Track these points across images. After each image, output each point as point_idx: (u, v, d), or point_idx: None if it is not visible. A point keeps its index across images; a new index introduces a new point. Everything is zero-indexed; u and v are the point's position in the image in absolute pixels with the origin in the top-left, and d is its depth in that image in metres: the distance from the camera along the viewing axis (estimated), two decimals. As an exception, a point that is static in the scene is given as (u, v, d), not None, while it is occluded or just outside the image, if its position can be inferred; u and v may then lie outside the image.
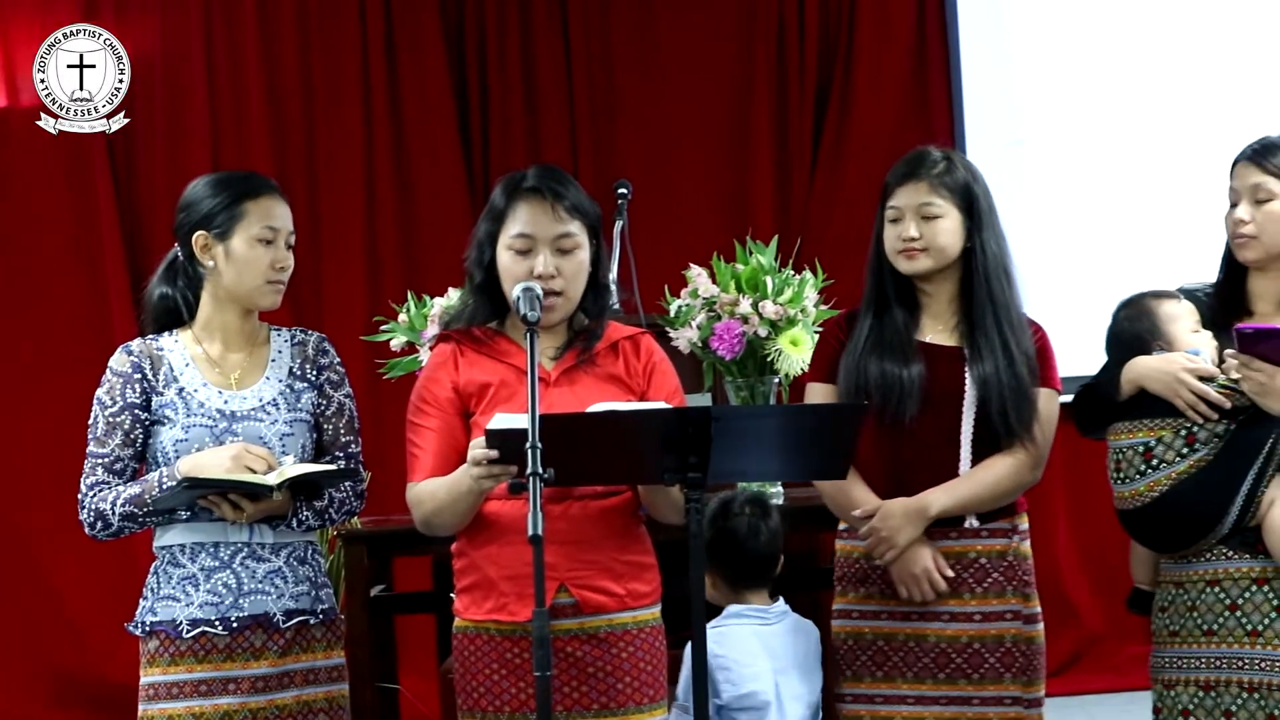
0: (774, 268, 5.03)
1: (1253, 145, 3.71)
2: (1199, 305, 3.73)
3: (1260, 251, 3.66)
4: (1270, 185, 3.64)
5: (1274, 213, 3.63)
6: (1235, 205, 3.69)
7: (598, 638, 3.52)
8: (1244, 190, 3.66)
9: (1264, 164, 3.66)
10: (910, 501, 3.69)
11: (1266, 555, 3.55)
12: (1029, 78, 7.28)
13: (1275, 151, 3.67)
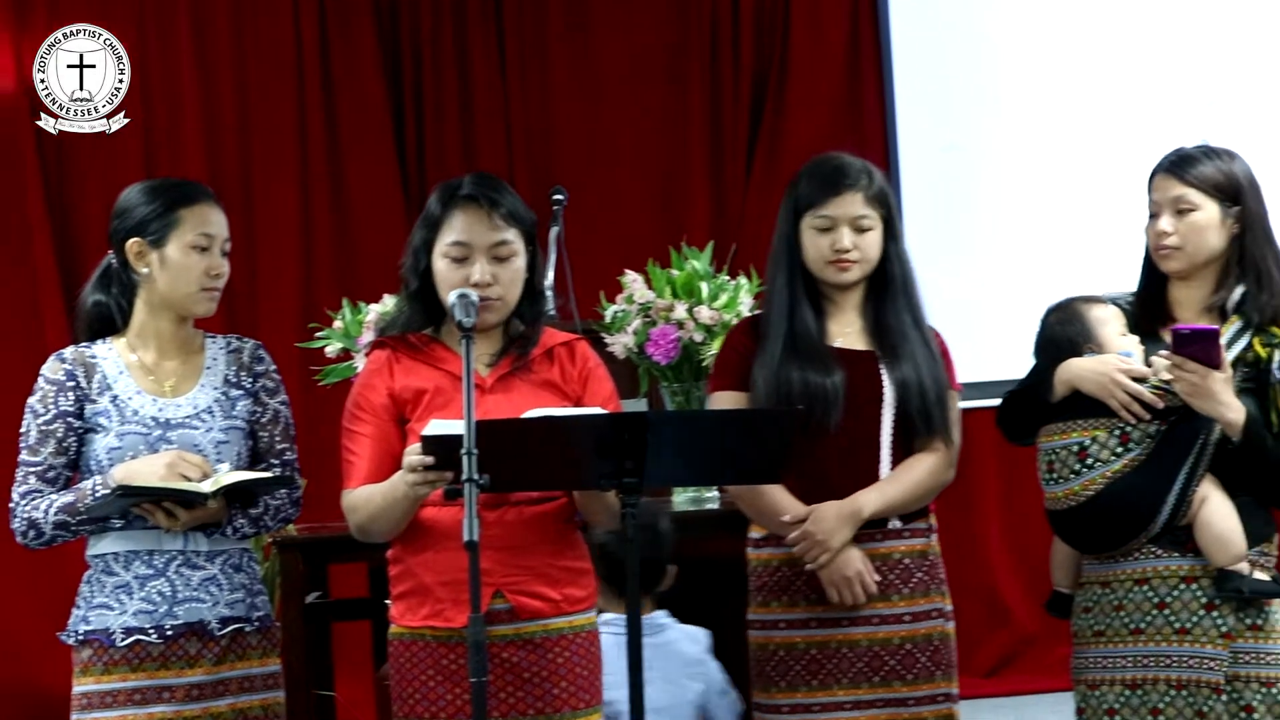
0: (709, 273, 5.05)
1: (1170, 157, 3.75)
2: (1123, 312, 3.78)
3: (1183, 262, 3.70)
4: (1191, 197, 3.68)
5: (1196, 224, 3.68)
6: (1156, 217, 3.73)
7: (533, 643, 3.52)
8: (1165, 202, 3.70)
9: (1184, 176, 3.69)
10: (842, 504, 3.71)
11: (1196, 554, 3.59)
12: (962, 83, 7.33)
13: (1194, 163, 3.71)
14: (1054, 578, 3.86)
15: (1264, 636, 3.60)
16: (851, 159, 3.86)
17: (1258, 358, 3.64)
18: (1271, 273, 3.69)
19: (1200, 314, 3.72)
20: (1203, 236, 3.68)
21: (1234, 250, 3.70)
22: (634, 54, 7.39)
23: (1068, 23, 7.31)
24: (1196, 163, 3.71)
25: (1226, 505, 3.58)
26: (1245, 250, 3.69)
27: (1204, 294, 3.73)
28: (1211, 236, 3.68)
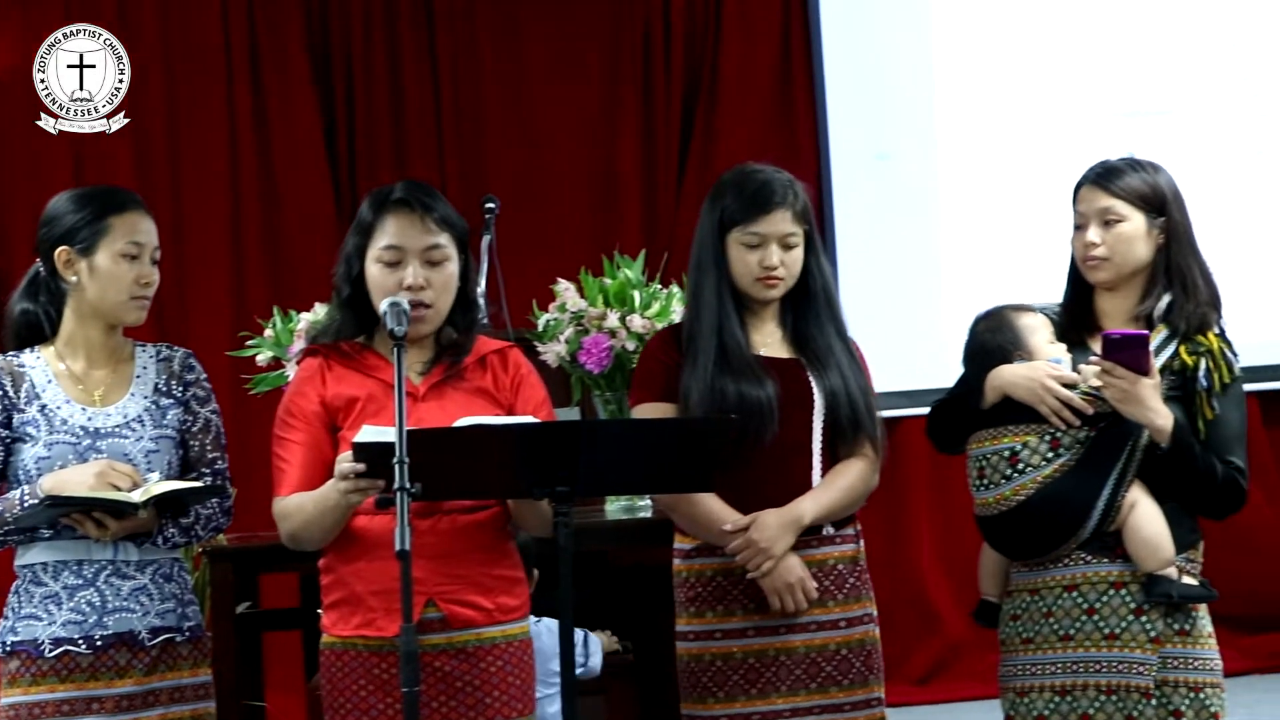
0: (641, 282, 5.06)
1: (1095, 169, 3.78)
2: (1051, 322, 3.81)
3: (1111, 273, 3.73)
4: (1119, 208, 3.71)
5: (1123, 235, 3.71)
6: (1082, 228, 3.76)
7: (466, 652, 3.52)
8: (1092, 214, 3.73)
9: (1110, 188, 3.73)
10: (783, 512, 3.72)
11: (1125, 559, 3.62)
12: (893, 92, 7.37)
13: (1119, 175, 3.74)
14: (981, 586, 3.87)
15: (1191, 641, 3.64)
16: (775, 174, 3.86)
17: (1184, 366, 3.68)
18: (1197, 282, 3.73)
19: (1126, 323, 3.75)
20: (1130, 247, 3.71)
21: (1159, 260, 3.74)
22: (566, 63, 7.40)
23: (998, 33, 7.36)
24: (1122, 175, 3.75)
25: (1155, 511, 3.61)
26: (1171, 260, 3.73)
27: (1130, 304, 3.77)
28: (1138, 247, 3.72)
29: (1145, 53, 7.33)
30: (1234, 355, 3.73)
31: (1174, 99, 7.35)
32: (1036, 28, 7.35)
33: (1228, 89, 7.35)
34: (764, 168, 3.89)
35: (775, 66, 7.41)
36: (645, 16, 7.37)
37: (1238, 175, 7.36)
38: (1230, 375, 3.70)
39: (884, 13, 7.40)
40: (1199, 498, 3.67)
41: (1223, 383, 3.69)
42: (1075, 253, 3.79)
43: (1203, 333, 3.70)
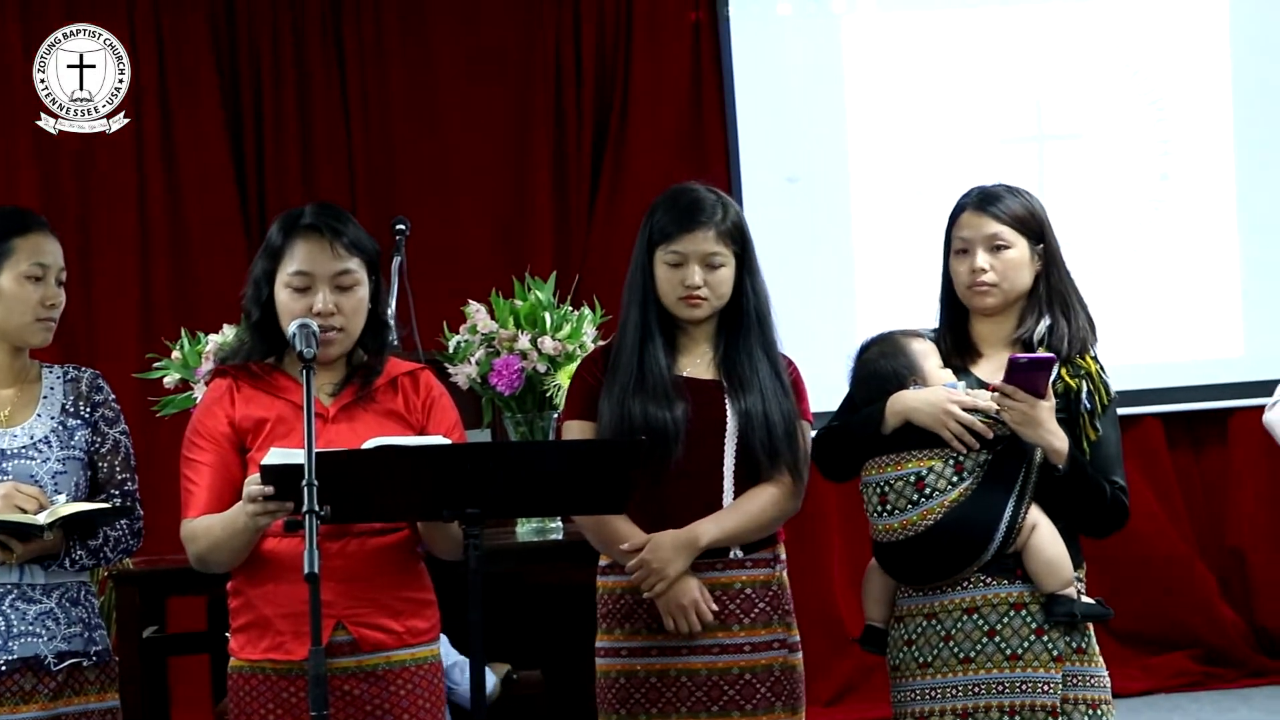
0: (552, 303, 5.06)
1: (975, 195, 3.80)
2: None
3: (999, 298, 3.75)
4: (1006, 234, 3.73)
5: (1011, 261, 3.73)
6: (965, 253, 3.77)
7: (375, 675, 3.50)
8: (978, 239, 3.74)
9: (995, 213, 3.75)
10: (680, 533, 3.72)
11: (1024, 580, 3.64)
12: (803, 115, 7.41)
13: (1001, 200, 3.77)
14: (867, 612, 3.86)
15: (1088, 659, 3.67)
16: (707, 192, 3.85)
17: (1067, 388, 3.71)
18: (1074, 306, 3.77)
19: (1005, 348, 3.77)
20: (1018, 273, 3.74)
21: (1039, 285, 3.77)
22: (476, 85, 7.39)
23: (909, 56, 7.42)
24: (1004, 200, 3.77)
25: (1053, 531, 3.64)
26: (1050, 285, 3.77)
27: (1008, 328, 3.80)
28: (1024, 273, 3.75)
29: (1054, 77, 7.41)
30: (1108, 377, 3.77)
31: (1083, 123, 7.43)
32: (947, 52, 7.41)
33: (1133, 115, 7.44)
34: (698, 186, 3.88)
35: (686, 89, 7.43)
36: (556, 38, 7.38)
37: (1145, 199, 7.45)
38: (1108, 397, 3.75)
39: (794, 36, 7.44)
40: (1089, 517, 3.71)
41: (1103, 404, 3.73)
42: (959, 279, 3.79)
43: (1082, 356, 3.75)
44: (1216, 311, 7.48)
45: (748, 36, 7.40)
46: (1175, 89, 7.45)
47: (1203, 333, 7.49)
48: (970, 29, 7.43)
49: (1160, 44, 7.44)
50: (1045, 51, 7.43)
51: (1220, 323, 7.48)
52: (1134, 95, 7.44)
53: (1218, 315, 7.48)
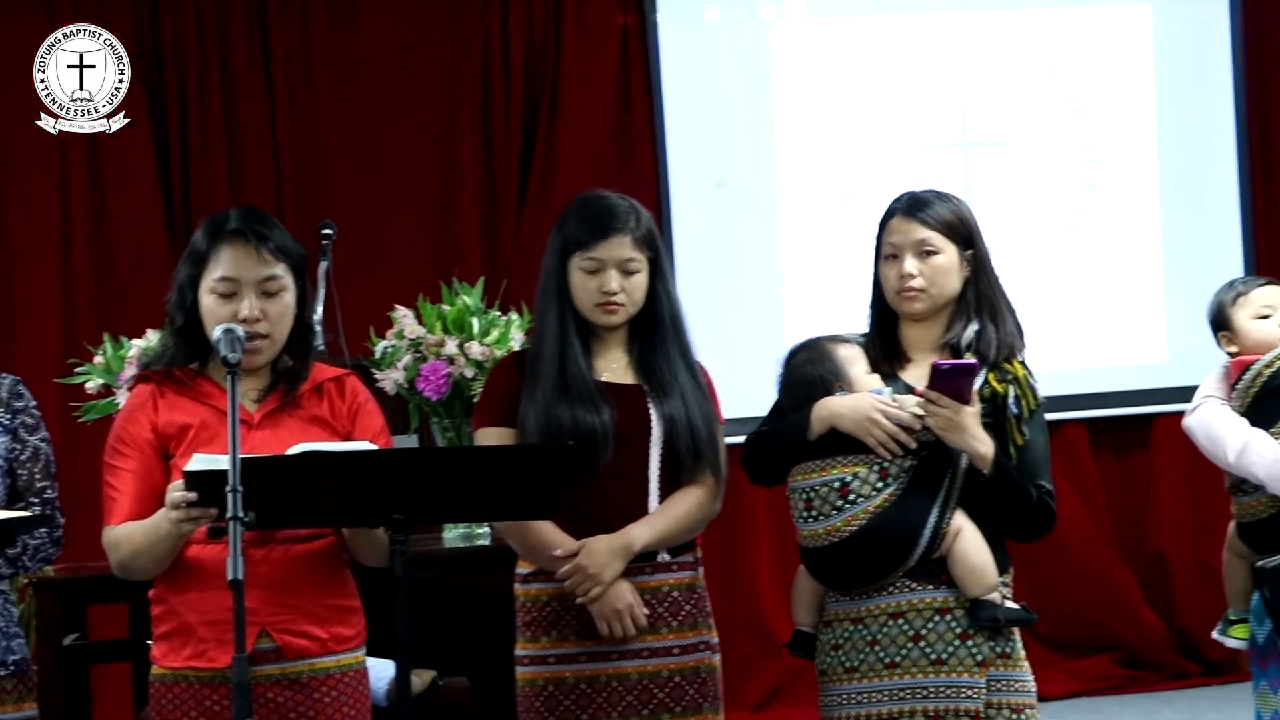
0: (480, 309, 5.06)
1: (904, 201, 3.81)
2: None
3: (928, 304, 3.77)
4: (934, 240, 3.75)
5: (940, 266, 3.75)
6: (894, 259, 3.78)
7: (300, 683, 3.48)
8: (907, 245, 3.76)
9: (924, 219, 3.76)
10: (614, 538, 3.72)
11: (949, 585, 3.65)
12: (731, 120, 7.43)
13: (930, 206, 3.78)
14: (796, 617, 3.88)
15: (1013, 664, 3.69)
16: (619, 199, 3.87)
17: (995, 393, 3.72)
18: (1003, 311, 3.79)
19: (934, 353, 3.79)
20: (946, 278, 3.76)
21: (968, 290, 3.79)
22: (404, 89, 7.36)
23: (837, 61, 7.45)
24: (933, 205, 3.79)
25: (979, 537, 3.65)
26: (979, 290, 3.78)
27: (936, 334, 3.81)
28: (953, 278, 3.76)
29: (980, 85, 7.46)
30: (1035, 382, 3.79)
31: (1008, 131, 7.48)
32: (874, 59, 7.45)
33: (1058, 123, 7.50)
34: (608, 194, 3.90)
35: (614, 94, 7.44)
36: (484, 43, 7.36)
37: (1069, 206, 7.51)
38: (1035, 402, 3.76)
39: (723, 42, 7.46)
40: (1015, 521, 3.72)
41: (1030, 409, 3.75)
42: (888, 284, 3.80)
43: (1010, 361, 3.76)
44: (1140, 318, 7.55)
45: (676, 42, 7.41)
46: (1099, 98, 7.52)
47: (1126, 339, 7.56)
48: (897, 37, 7.47)
49: (1084, 53, 7.51)
50: (971, 60, 7.47)
51: (1144, 329, 7.56)
52: (1058, 103, 7.50)
53: (1141, 321, 7.56)
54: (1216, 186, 7.53)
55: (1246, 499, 3.92)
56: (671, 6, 7.42)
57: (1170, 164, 7.55)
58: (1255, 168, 7.55)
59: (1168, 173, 7.54)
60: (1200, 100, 7.54)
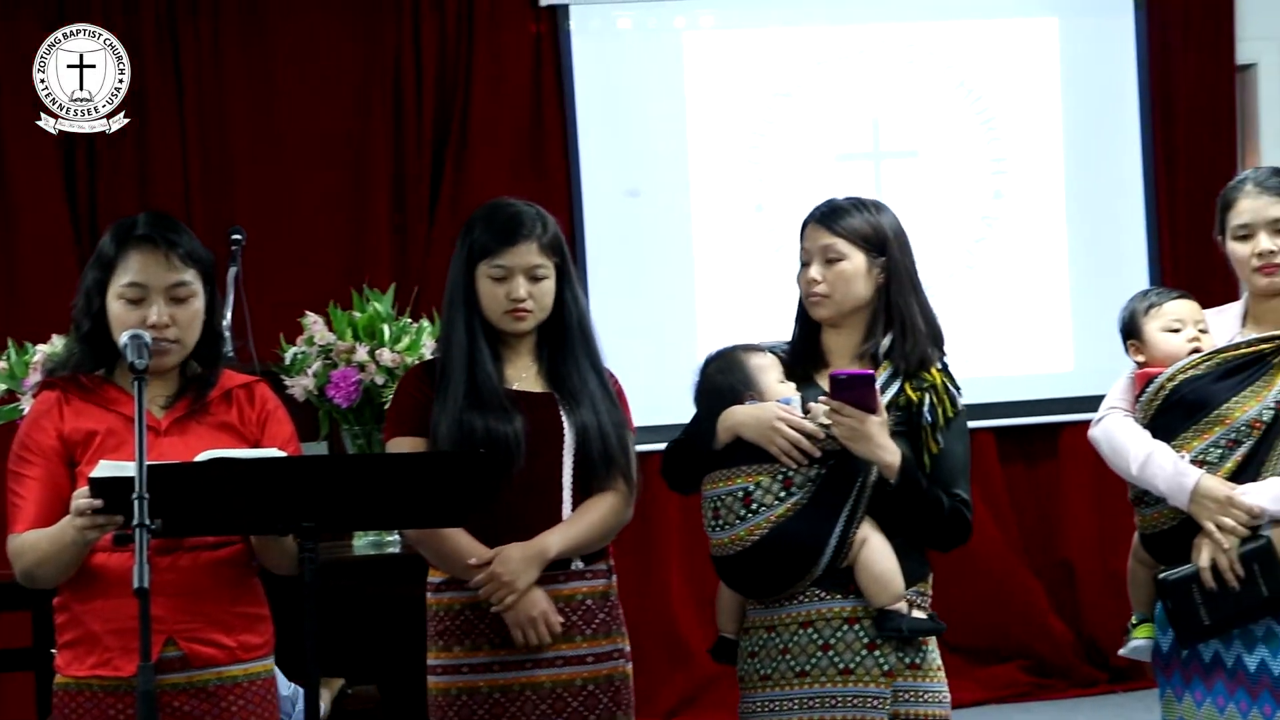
0: (391, 315, 5.04)
1: (821, 208, 3.85)
2: (780, 360, 3.87)
3: (831, 310, 3.80)
4: (840, 246, 3.78)
5: (843, 273, 3.78)
6: (807, 265, 3.83)
7: (207, 691, 3.46)
8: (815, 251, 3.80)
9: (833, 227, 3.80)
10: (528, 545, 3.72)
11: (858, 595, 3.67)
12: (644, 130, 7.44)
13: (843, 214, 3.81)
14: (719, 623, 3.89)
15: (922, 675, 3.70)
16: (525, 206, 3.88)
17: (909, 401, 3.75)
18: (916, 320, 3.81)
19: (852, 361, 3.81)
20: (849, 285, 3.78)
21: (880, 299, 3.82)
22: (316, 94, 7.32)
23: (746, 72, 7.47)
24: (846, 214, 3.82)
25: (885, 546, 3.67)
26: (891, 299, 3.81)
27: (855, 341, 3.84)
28: (858, 285, 3.79)
29: (891, 96, 7.51)
30: (957, 390, 3.82)
31: (919, 141, 7.54)
32: (786, 69, 7.48)
33: (967, 134, 7.56)
34: (515, 201, 3.91)
35: (527, 102, 7.43)
36: (396, 49, 7.33)
37: (978, 216, 7.57)
38: (954, 410, 3.79)
39: (635, 50, 7.47)
40: (927, 531, 3.74)
41: (946, 417, 3.77)
42: (800, 289, 3.85)
43: (925, 369, 3.78)
44: (1047, 327, 7.63)
45: (589, 50, 7.42)
46: (1008, 109, 7.58)
47: (1034, 348, 7.63)
48: (809, 47, 7.50)
49: (993, 65, 7.57)
50: (882, 70, 7.52)
51: (1051, 338, 7.63)
52: (968, 114, 7.57)
53: (1048, 331, 7.63)
54: (1122, 197, 7.62)
55: (1149, 511, 3.96)
56: (584, 15, 7.42)
57: (1077, 175, 7.63)
58: (1160, 179, 7.64)
59: (1074, 184, 7.62)
60: (1106, 112, 7.63)
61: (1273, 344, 3.91)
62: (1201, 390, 3.90)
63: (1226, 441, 3.85)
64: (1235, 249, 3.99)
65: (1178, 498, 3.84)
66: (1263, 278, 3.95)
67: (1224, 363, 3.92)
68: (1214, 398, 3.88)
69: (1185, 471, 3.83)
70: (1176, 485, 3.83)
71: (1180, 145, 7.66)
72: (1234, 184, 4.04)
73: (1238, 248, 3.98)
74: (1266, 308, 4.00)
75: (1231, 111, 7.68)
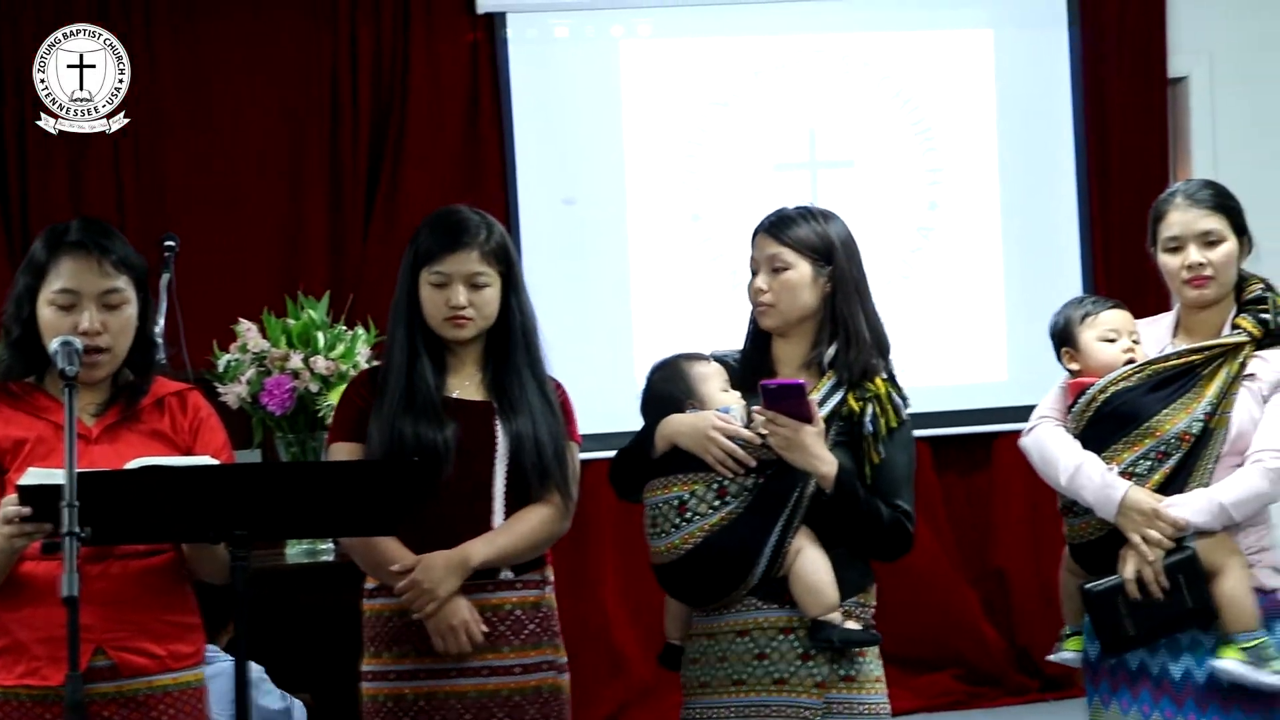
0: (326, 323, 5.03)
1: (770, 218, 3.86)
2: (729, 369, 3.87)
3: (777, 319, 3.81)
4: (785, 256, 3.80)
5: (789, 282, 3.80)
6: (755, 274, 3.85)
7: (136, 701, 3.45)
8: (762, 260, 3.82)
9: (780, 236, 3.81)
10: (451, 554, 3.71)
11: (793, 605, 3.68)
12: (581, 138, 7.44)
13: (790, 224, 3.83)
14: (667, 630, 3.91)
15: (856, 687, 3.72)
16: (471, 214, 3.88)
17: (852, 411, 3.76)
18: (861, 330, 3.82)
19: (799, 370, 3.83)
20: (794, 294, 3.79)
21: (827, 309, 3.83)
22: (250, 102, 7.28)
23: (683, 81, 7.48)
24: (793, 224, 3.83)
25: (820, 557, 3.68)
26: (836, 309, 3.82)
27: (802, 351, 3.85)
28: (804, 294, 3.80)
29: (827, 106, 7.52)
30: (903, 400, 3.83)
31: (855, 151, 7.56)
32: (723, 78, 7.48)
33: (903, 144, 7.58)
34: (462, 208, 3.91)
35: (463, 109, 7.41)
36: (332, 56, 7.29)
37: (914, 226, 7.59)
38: (897, 420, 3.80)
39: (572, 59, 7.46)
40: (866, 541, 3.75)
41: (889, 427, 3.77)
42: (749, 297, 3.87)
43: (869, 379, 3.80)
44: (982, 337, 7.66)
45: (526, 58, 7.40)
46: (944, 119, 7.61)
47: (969, 358, 7.66)
48: (746, 57, 7.51)
49: (929, 75, 7.60)
50: (819, 80, 7.53)
51: (985, 349, 7.66)
52: (904, 124, 7.59)
53: (983, 341, 7.66)
54: (1056, 208, 7.66)
55: (1076, 521, 3.99)
56: (521, 23, 7.41)
57: (1011, 186, 7.66)
58: (1094, 190, 7.68)
59: (1009, 195, 7.65)
60: (1041, 123, 7.67)
61: (1202, 355, 3.95)
62: (1134, 402, 3.94)
63: (1156, 454, 3.88)
64: (1166, 261, 4.02)
65: (1105, 509, 3.87)
66: (1192, 290, 3.98)
67: (1155, 374, 3.95)
68: (1145, 410, 3.92)
69: (1113, 484, 3.87)
70: (1104, 497, 3.87)
71: (1113, 157, 7.71)
72: (1165, 196, 4.08)
73: (1168, 260, 4.01)
74: (1197, 319, 4.04)
75: (1163, 124, 7.74)
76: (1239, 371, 3.93)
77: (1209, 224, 3.98)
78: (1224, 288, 3.99)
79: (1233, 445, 3.90)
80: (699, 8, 7.48)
